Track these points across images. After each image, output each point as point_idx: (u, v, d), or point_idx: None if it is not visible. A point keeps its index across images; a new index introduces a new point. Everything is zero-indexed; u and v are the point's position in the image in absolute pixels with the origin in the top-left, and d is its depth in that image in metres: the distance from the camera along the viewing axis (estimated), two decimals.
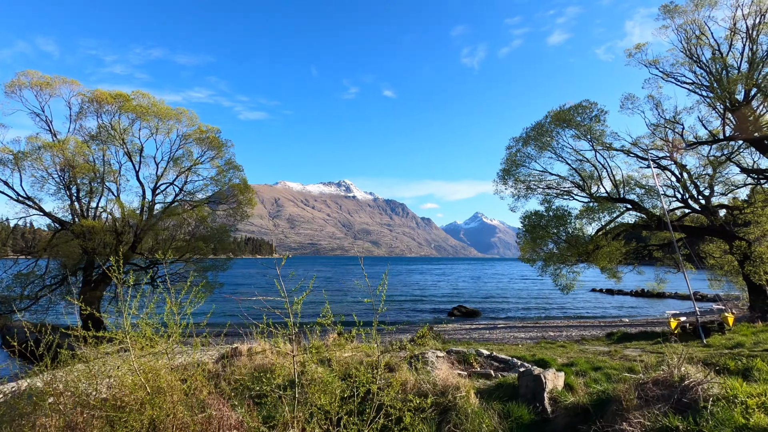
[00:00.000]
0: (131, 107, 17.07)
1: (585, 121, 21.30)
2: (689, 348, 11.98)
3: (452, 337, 15.94)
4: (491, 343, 13.72)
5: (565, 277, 23.31)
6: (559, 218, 21.44)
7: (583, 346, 13.02)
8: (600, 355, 10.53)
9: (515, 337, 15.90)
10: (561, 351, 11.04)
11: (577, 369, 8.26)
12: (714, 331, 14.08)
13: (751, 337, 12.47)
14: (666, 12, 21.89)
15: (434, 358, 8.94)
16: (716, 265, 27.16)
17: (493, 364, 9.00)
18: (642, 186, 25.13)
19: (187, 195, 20.25)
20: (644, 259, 28.73)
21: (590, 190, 23.53)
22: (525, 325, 21.64)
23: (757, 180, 21.47)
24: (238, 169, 21.75)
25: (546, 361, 9.02)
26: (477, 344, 12.81)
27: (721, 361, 8.04)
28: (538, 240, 22.82)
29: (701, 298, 40.34)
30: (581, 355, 10.15)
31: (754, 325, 15.13)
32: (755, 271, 19.01)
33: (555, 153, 22.42)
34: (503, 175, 22.34)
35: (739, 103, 19.55)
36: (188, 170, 19.68)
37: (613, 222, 22.59)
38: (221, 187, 20.97)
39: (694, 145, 22.00)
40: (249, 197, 21.24)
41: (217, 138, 20.10)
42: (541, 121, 21.34)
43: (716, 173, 24.66)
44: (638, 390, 4.76)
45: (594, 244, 20.77)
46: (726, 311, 14.62)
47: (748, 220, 22.37)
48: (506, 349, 11.25)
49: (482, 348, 11.24)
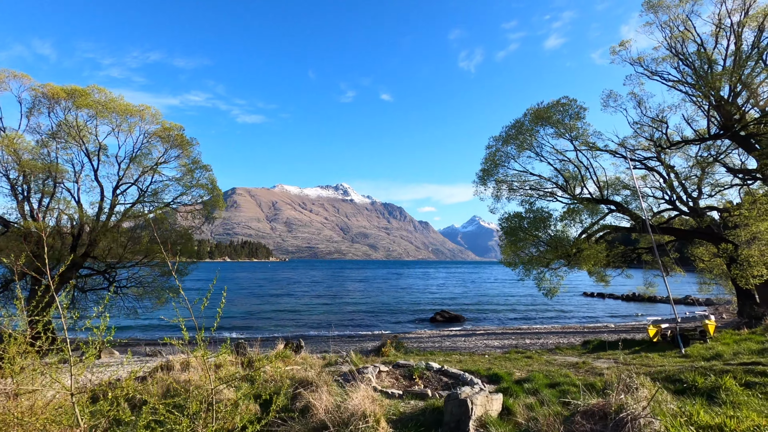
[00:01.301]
0: (85, 103, 16.21)
1: (566, 119, 20.54)
2: (665, 359, 11.16)
3: (420, 346, 15.06)
4: (457, 352, 12.84)
5: (549, 281, 22.50)
6: (541, 220, 20.63)
7: (555, 356, 12.16)
8: (566, 367, 9.68)
9: (487, 346, 15.02)
10: (525, 363, 10.18)
11: (531, 386, 7.39)
12: (695, 340, 13.26)
13: (733, 346, 11.65)
14: (650, 8, 21.21)
15: (374, 373, 8.07)
16: (705, 268, 26.46)
17: (441, 379, 8.12)
18: (628, 187, 24.43)
19: (151, 196, 19.35)
20: (633, 262, 28.03)
21: (573, 191, 22.77)
22: (505, 332, 20.77)
23: (744, 180, 20.75)
24: (207, 169, 20.86)
25: (500, 376, 8.16)
26: (439, 354, 11.94)
27: (689, 377, 7.19)
28: (519, 243, 22.01)
29: (692, 302, 39.55)
30: (545, 368, 9.29)
31: (739, 333, 14.31)
32: (741, 275, 18.22)
33: (536, 153, 21.65)
34: (483, 176, 21.53)
35: (724, 100, 18.85)
36: (151, 170, 18.77)
37: (597, 224, 21.81)
38: (188, 188, 20.09)
39: (679, 144, 21.29)
40: (217, 199, 20.35)
41: (182, 136, 19.22)
42: (521, 119, 20.56)
43: (704, 174, 23.99)
44: (565, 425, 3.91)
45: (576, 247, 19.96)
46: (708, 318, 13.79)
47: (738, 223, 21.68)
48: (466, 362, 10.39)
49: (437, 360, 10.38)
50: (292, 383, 7.26)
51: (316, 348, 15.19)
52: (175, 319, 3.96)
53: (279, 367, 8.09)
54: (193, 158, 19.93)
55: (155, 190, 19.63)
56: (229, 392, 6.51)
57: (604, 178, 22.78)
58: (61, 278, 14.89)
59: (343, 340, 18.27)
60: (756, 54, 17.67)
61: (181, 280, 19.65)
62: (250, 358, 9.41)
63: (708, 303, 37.46)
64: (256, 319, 28.19)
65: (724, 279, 25.64)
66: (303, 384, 7.05)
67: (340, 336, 20.09)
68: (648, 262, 27.76)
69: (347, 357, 9.52)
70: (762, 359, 8.57)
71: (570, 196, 22.38)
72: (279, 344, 10.83)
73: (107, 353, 13.49)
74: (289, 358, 10.02)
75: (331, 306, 36.16)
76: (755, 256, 17.89)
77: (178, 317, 3.99)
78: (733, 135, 18.61)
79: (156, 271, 18.05)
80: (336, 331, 22.58)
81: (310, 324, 25.09)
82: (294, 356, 10.15)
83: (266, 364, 9.42)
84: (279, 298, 43.67)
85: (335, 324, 25.38)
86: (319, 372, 8.41)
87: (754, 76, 17.36)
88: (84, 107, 16.64)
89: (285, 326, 24.66)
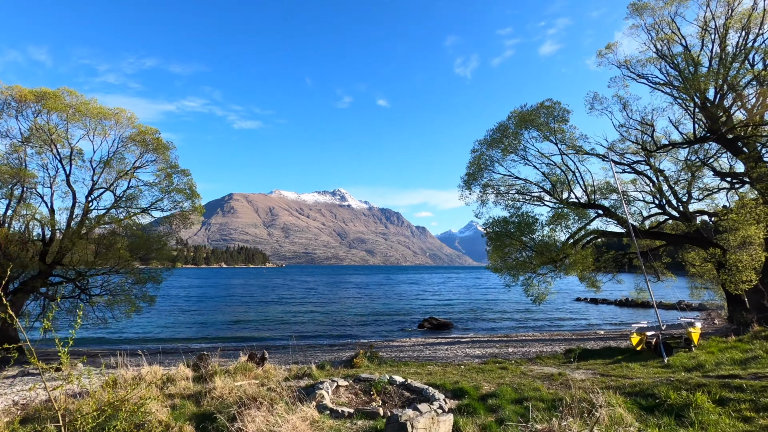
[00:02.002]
0: (55, 106, 15.75)
1: (551, 122, 20.21)
2: (646, 368, 10.72)
3: (398, 356, 14.55)
4: (433, 363, 12.35)
5: (537, 287, 22.08)
6: (527, 225, 20.23)
7: (534, 366, 11.70)
8: (540, 379, 9.22)
9: (467, 355, 14.52)
10: (498, 375, 9.71)
11: (495, 402, 6.93)
12: (680, 348, 12.82)
13: (717, 355, 11.23)
14: (635, 10, 21.01)
15: (331, 389, 7.58)
16: (697, 273, 26.16)
17: (403, 394, 7.65)
18: (617, 191, 24.11)
19: (127, 201, 18.87)
20: (624, 267, 27.71)
21: (560, 195, 22.41)
22: (491, 339, 20.27)
23: (732, 184, 20.45)
24: (185, 174, 20.40)
25: (465, 391, 7.69)
26: (413, 365, 11.45)
27: (663, 391, 6.75)
28: (505, 248, 21.60)
29: (685, 307, 39.14)
30: (517, 381, 8.82)
31: (726, 340, 13.90)
32: (730, 280, 17.82)
33: (522, 157, 21.28)
34: (468, 180, 21.12)
35: (710, 102, 18.59)
36: (126, 174, 18.32)
37: (584, 229, 21.43)
38: (165, 193, 19.62)
39: (666, 147, 20.99)
40: (196, 204, 19.86)
41: (159, 140, 18.76)
42: (505, 122, 20.20)
43: (694, 178, 23.74)
44: None
45: (563, 252, 19.56)
46: (693, 325, 13.36)
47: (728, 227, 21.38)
48: (437, 374, 9.91)
49: (408, 372, 9.90)
50: (239, 400, 6.77)
51: (290, 358, 14.65)
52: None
53: (230, 382, 7.59)
54: (171, 162, 19.48)
55: (131, 195, 19.15)
56: (163, 413, 6.02)
57: (592, 183, 22.47)
58: (24, 286, 14.36)
59: (322, 349, 17.74)
60: (741, 55, 17.44)
61: (157, 288, 19.14)
62: (202, 374, 8.91)
63: (701, 308, 37.05)
64: (239, 327, 27.57)
65: (715, 284, 25.31)
66: (250, 401, 6.56)
67: (319, 345, 19.53)
68: (639, 267, 27.45)
69: (305, 371, 9.03)
70: (741, 371, 8.14)
71: (557, 201, 22.02)
72: (242, 356, 10.32)
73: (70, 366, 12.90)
74: (250, 371, 9.52)
75: (319, 314, 35.56)
76: (744, 261, 17.51)
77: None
78: (720, 138, 18.32)
79: (131, 279, 17.51)
80: (317, 340, 22.02)
81: (292, 332, 24.52)
82: (255, 369, 9.64)
83: (224, 377, 8.93)
84: (267, 305, 43.00)
85: (318, 332, 24.81)
86: (274, 387, 7.93)
87: (739, 78, 17.10)
88: (54, 110, 16.19)
89: (264, 335, 24.07)
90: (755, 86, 17.57)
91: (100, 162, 18.16)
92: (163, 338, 23.79)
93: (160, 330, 26.53)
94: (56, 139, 17.18)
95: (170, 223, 19.89)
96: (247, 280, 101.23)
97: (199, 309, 39.35)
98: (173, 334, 25.10)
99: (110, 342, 22.63)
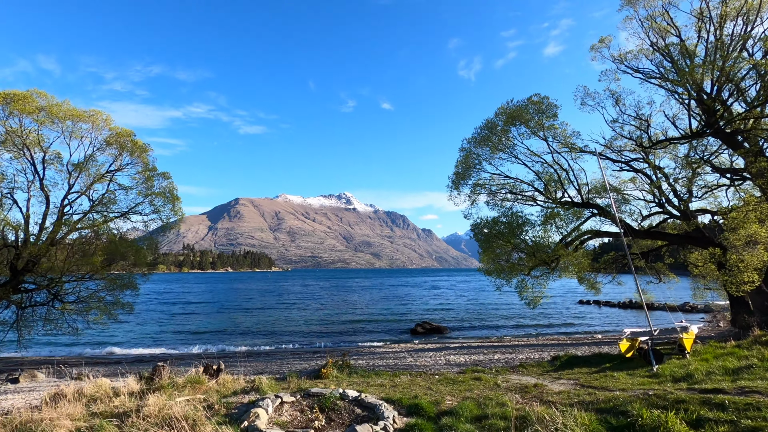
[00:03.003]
0: (23, 108, 15.34)
1: (542, 119, 19.46)
2: (633, 378, 9.95)
3: (374, 364, 13.86)
4: (408, 372, 11.65)
5: (531, 290, 21.30)
6: (518, 226, 19.48)
7: (513, 375, 10.96)
8: (513, 391, 8.50)
9: (449, 363, 13.80)
10: (468, 386, 9.00)
11: (450, 421, 6.24)
12: (673, 354, 12.00)
13: (712, 362, 10.42)
14: (628, 2, 20.26)
15: (273, 406, 6.93)
16: (700, 274, 25.20)
17: (354, 411, 6.99)
18: (616, 190, 23.31)
19: (104, 206, 18.42)
20: (624, 268, 26.86)
21: (555, 195, 21.64)
22: (482, 345, 19.50)
23: (732, 180, 19.55)
24: (165, 177, 19.93)
25: (421, 407, 7.01)
26: (385, 375, 10.76)
27: (635, 408, 6.02)
28: (497, 250, 20.84)
29: (690, 309, 38.01)
30: (486, 393, 8.12)
31: (724, 345, 13.05)
32: (731, 281, 16.92)
33: (513, 155, 20.55)
34: (456, 180, 20.40)
35: (707, 94, 17.73)
36: (101, 178, 17.89)
37: (577, 230, 20.63)
38: (145, 196, 19.15)
39: (662, 143, 20.13)
40: (176, 208, 19.36)
41: (136, 142, 18.30)
42: (493, 119, 19.48)
43: (695, 175, 22.90)
44: None
45: (555, 253, 18.77)
46: (687, 330, 12.52)
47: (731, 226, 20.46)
48: (403, 385, 9.22)
49: (370, 384, 9.23)
50: (163, 421, 6.15)
51: (266, 367, 14.04)
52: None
53: (163, 399, 6.97)
54: (149, 165, 19.03)
55: (109, 199, 18.72)
56: None
57: (586, 181, 21.69)
58: None
59: (303, 357, 17.08)
60: (739, 44, 16.61)
61: (136, 294, 18.65)
62: (142, 389, 8.31)
63: (707, 310, 35.90)
64: (224, 334, 26.90)
65: (720, 285, 24.36)
66: (169, 423, 5.94)
67: (303, 352, 18.89)
68: (641, 268, 26.60)
69: (254, 384, 8.39)
70: (729, 384, 7.37)
71: (550, 200, 21.25)
72: (192, 368, 9.71)
73: (27, 377, 12.40)
74: (201, 384, 8.91)
75: (311, 319, 34.90)
76: (746, 261, 16.61)
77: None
78: (718, 132, 17.46)
79: (104, 285, 17.03)
80: (304, 346, 21.38)
81: (282, 339, 23.90)
82: (208, 382, 9.02)
83: (169, 392, 8.34)
84: (262, 311, 42.43)
85: (306, 339, 24.16)
86: (214, 403, 7.30)
87: (736, 68, 16.26)
88: (24, 112, 15.79)
89: (254, 341, 23.49)
90: (754, 77, 16.74)
91: (77, 165, 17.76)
92: (147, 344, 23.28)
93: (142, 338, 25.80)
94: (31, 143, 16.80)
95: (148, 226, 19.41)
96: (248, 285, 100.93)
97: (191, 315, 38.81)
98: (156, 342, 24.44)
99: (91, 348, 22.19)
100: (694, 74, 16.05)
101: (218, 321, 33.84)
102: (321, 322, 32.76)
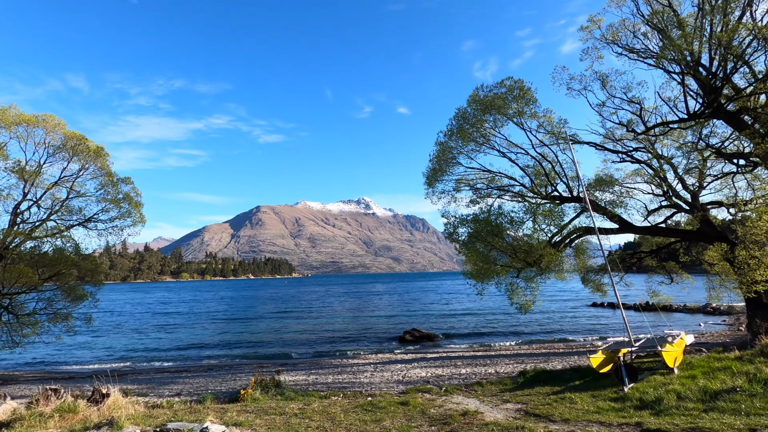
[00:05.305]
0: None
1: (522, 107, 17.73)
2: (597, 401, 8.25)
3: (318, 381, 12.44)
4: (341, 392, 10.20)
5: (522, 293, 19.50)
6: (497, 226, 17.77)
7: (458, 397, 9.38)
8: (436, 423, 6.98)
9: (400, 380, 12.22)
10: (383, 414, 7.51)
11: None
12: (657, 370, 10.14)
13: (699, 380, 8.63)
14: None
15: None
16: (716, 273, 22.82)
17: None
18: (618, 183, 21.36)
19: (62, 214, 17.78)
20: (631, 268, 24.77)
21: (545, 189, 19.81)
22: (462, 355, 17.81)
23: (739, 167, 17.35)
24: (127, 182, 19.14)
25: None
26: (314, 396, 9.36)
27: None
28: (481, 250, 19.15)
29: (713, 311, 35.02)
30: (397, 426, 6.64)
31: (726, 356, 11.07)
32: (741, 281, 14.80)
33: (493, 147, 18.88)
34: (432, 176, 18.83)
35: (706, 69, 15.63)
36: (55, 185, 17.25)
37: (567, 227, 18.75)
38: (105, 202, 18.43)
39: (657, 126, 18.03)
40: (135, 217, 18.50)
41: (89, 146, 17.59)
42: (468, 108, 17.85)
43: (705, 166, 20.79)
44: None
45: (537, 252, 16.98)
46: (670, 342, 10.62)
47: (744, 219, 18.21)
48: (305, 414, 7.80)
49: (254, 414, 7.84)
50: None
51: (186, 387, 12.86)
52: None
53: None
54: (106, 171, 18.29)
55: (67, 207, 18.07)
56: None
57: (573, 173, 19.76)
58: None
59: (246, 371, 15.74)
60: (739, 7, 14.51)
61: (95, 304, 17.89)
62: (8, 419, 7.18)
63: (729, 312, 32.90)
64: (192, 348, 25.38)
65: (737, 285, 21.94)
66: None
67: (267, 365, 17.63)
68: (652, 268, 24.43)
69: (115, 415, 7.14)
70: (692, 418, 5.65)
71: (538, 196, 19.45)
72: (68, 395, 8.56)
73: None
74: (74, 413, 7.73)
75: (303, 328, 33.58)
76: (758, 257, 14.48)
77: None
78: (719, 111, 15.34)
79: (56, 297, 16.29)
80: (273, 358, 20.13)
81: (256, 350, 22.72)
82: (87, 410, 7.83)
83: (32, 421, 7.20)
84: (259, 320, 41.45)
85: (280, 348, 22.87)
86: None
87: (733, 35, 14.14)
88: None
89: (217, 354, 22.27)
90: (759, 46, 14.58)
91: (28, 172, 17.15)
92: (91, 360, 22.26)
93: (111, 353, 24.56)
94: None
95: (110, 233, 18.65)
96: (258, 292, 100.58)
97: (167, 327, 37.39)
98: (110, 356, 23.24)
99: (49, 364, 21.45)
100: (686, 44, 14.10)
101: (194, 333, 32.80)
102: (312, 330, 31.55)
